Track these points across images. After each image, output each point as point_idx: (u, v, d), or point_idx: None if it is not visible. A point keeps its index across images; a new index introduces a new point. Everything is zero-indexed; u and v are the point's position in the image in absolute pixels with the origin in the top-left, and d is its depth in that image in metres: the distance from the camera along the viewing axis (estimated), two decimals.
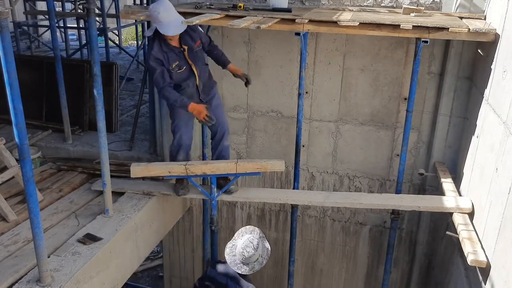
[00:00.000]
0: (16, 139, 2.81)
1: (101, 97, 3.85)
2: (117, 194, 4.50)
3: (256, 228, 4.02)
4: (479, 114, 4.13)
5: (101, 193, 4.31)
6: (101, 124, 3.92)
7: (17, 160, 4.10)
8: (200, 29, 4.26)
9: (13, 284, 3.27)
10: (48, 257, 3.39)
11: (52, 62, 5.46)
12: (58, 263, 3.49)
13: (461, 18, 4.30)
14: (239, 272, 3.81)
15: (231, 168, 4.08)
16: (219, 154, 4.58)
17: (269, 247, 3.96)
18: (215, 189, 4.24)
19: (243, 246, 3.81)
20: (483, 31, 3.81)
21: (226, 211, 6.06)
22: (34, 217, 3.01)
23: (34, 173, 3.32)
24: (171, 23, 3.86)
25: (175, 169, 4.16)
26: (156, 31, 3.93)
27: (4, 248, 3.70)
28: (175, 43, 4.06)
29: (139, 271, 6.58)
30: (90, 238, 3.82)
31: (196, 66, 4.20)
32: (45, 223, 3.93)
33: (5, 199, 4.15)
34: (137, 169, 4.23)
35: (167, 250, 6.48)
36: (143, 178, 4.78)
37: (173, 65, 4.06)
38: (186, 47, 4.11)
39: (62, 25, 9.83)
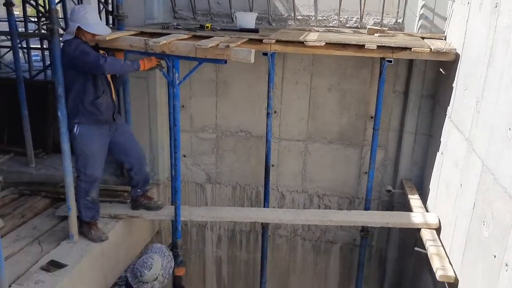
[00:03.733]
0: None
1: (65, 118, 3.76)
2: None
3: (158, 245, 3.98)
4: (442, 131, 4.26)
5: (65, 218, 4.16)
6: (66, 146, 3.81)
7: None
8: None
9: None
10: (10, 286, 3.23)
11: (14, 84, 5.30)
12: None
13: (423, 38, 4.46)
14: None
15: (191, 50, 3.66)
16: (144, 182, 4.47)
17: (172, 265, 3.91)
18: (177, 75, 3.90)
19: (136, 266, 3.77)
20: (444, 50, 3.95)
21: (196, 233, 5.96)
22: None
23: None
24: (100, 24, 3.79)
25: (136, 43, 3.85)
26: (76, 36, 3.73)
27: None
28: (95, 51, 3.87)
29: None
30: (54, 265, 3.66)
31: (112, 79, 4.07)
32: (6, 250, 3.74)
33: None
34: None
35: None
36: (110, 202, 4.65)
37: None
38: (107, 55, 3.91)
39: (25, 46, 9.61)
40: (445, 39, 4.40)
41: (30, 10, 11.92)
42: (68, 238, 4.05)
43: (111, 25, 8.29)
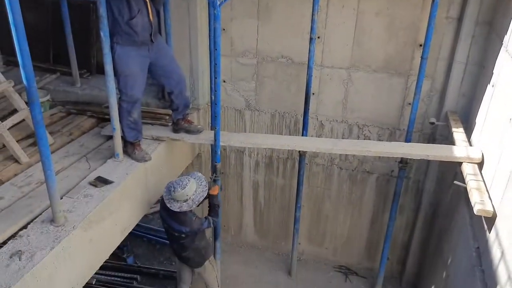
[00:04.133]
0: (24, 82, 2.78)
1: (108, 39, 3.76)
2: None
3: (198, 174, 4.21)
4: (496, 62, 4.00)
5: (111, 137, 4.33)
6: (109, 67, 3.85)
7: (26, 103, 4.11)
8: None
9: (28, 223, 3.36)
10: (61, 198, 3.46)
11: (57, 2, 5.30)
12: (71, 204, 3.57)
13: None
14: (168, 206, 4.04)
15: None
16: (184, 105, 4.53)
17: (204, 194, 4.11)
18: None
19: (173, 183, 4.03)
20: None
21: (234, 158, 6.10)
22: (46, 160, 3.04)
23: (44, 116, 3.32)
24: None
25: None
26: None
27: (18, 189, 3.78)
28: None
29: (150, 213, 6.73)
30: (101, 181, 3.88)
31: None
32: (56, 165, 3.97)
33: (17, 141, 4.19)
34: None
35: None
36: (152, 124, 4.78)
37: None
38: None
39: None
40: None
41: None
42: (114, 156, 4.23)
43: None
